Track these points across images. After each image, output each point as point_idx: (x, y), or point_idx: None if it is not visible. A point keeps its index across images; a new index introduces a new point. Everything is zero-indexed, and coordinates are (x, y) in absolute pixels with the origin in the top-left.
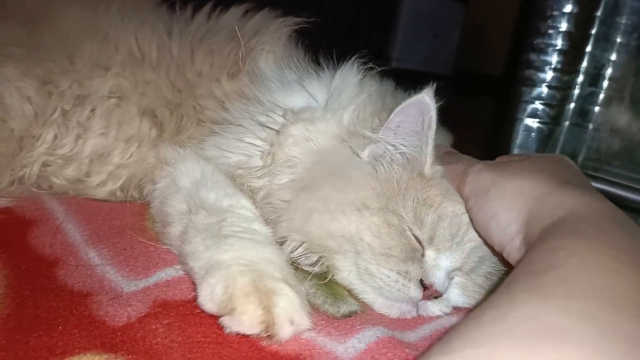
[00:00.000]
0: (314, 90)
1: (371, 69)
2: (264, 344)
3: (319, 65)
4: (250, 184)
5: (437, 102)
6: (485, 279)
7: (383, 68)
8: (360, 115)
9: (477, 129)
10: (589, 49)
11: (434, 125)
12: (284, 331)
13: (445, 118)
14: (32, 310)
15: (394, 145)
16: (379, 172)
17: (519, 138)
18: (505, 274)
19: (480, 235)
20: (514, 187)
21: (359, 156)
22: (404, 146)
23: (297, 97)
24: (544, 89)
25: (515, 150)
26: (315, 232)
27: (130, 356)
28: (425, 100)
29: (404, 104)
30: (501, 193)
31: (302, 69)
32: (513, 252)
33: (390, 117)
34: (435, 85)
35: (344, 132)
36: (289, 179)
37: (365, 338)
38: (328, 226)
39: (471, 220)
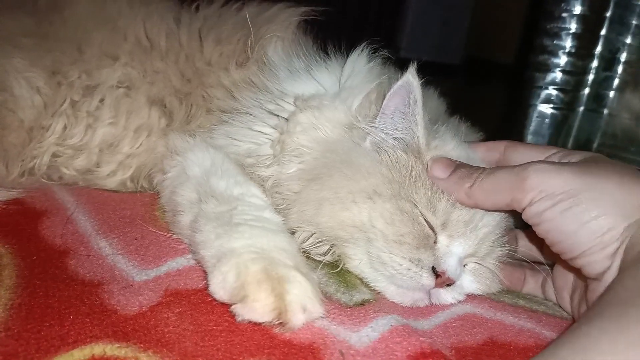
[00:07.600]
0: (322, 78)
1: (381, 57)
2: (276, 331)
3: (327, 53)
4: (259, 172)
5: (441, 88)
6: (498, 263)
7: (390, 56)
8: (365, 104)
9: (489, 116)
10: (603, 32)
11: (419, 104)
12: (297, 319)
13: (456, 106)
14: (44, 299)
15: (386, 132)
16: (385, 159)
17: (532, 124)
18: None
19: (527, 240)
20: (616, 192)
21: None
22: (397, 130)
23: (305, 85)
24: (557, 74)
25: (529, 137)
26: (326, 222)
27: (142, 345)
28: (408, 81)
29: (391, 91)
30: (600, 196)
31: (310, 57)
32: (601, 260)
33: (382, 105)
34: (416, 64)
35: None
36: (297, 169)
37: (379, 327)
38: (339, 216)
39: (535, 224)
